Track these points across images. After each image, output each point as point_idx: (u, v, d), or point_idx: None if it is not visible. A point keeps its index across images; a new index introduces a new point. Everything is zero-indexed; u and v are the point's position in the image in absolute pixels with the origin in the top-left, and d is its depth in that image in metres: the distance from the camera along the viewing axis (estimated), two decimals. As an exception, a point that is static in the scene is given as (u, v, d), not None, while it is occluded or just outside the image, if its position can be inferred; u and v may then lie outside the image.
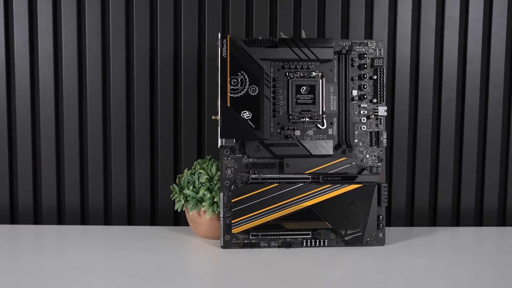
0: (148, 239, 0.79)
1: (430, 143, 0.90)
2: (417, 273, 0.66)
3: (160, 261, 0.69)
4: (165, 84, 0.89)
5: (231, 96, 0.71)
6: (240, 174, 0.74)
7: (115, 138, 0.89)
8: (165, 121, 0.89)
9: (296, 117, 0.74)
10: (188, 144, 0.89)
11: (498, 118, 0.90)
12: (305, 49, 0.73)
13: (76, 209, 0.90)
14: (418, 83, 0.90)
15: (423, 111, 0.90)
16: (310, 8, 0.88)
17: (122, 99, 0.89)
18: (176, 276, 0.63)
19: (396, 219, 0.91)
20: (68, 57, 0.88)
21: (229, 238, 0.74)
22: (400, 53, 0.89)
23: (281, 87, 0.74)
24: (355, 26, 0.89)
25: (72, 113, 0.89)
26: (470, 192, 0.91)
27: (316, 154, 0.73)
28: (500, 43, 0.89)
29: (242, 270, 0.66)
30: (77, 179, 0.90)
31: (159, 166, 0.90)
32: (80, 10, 0.88)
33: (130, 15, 0.88)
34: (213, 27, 0.88)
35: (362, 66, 0.75)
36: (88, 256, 0.71)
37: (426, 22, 0.89)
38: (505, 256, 0.73)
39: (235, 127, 0.71)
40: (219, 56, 0.71)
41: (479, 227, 0.91)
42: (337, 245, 0.75)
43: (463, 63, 0.90)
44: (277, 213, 0.73)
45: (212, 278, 0.66)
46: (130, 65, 0.89)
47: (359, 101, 0.75)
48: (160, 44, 0.88)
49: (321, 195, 0.73)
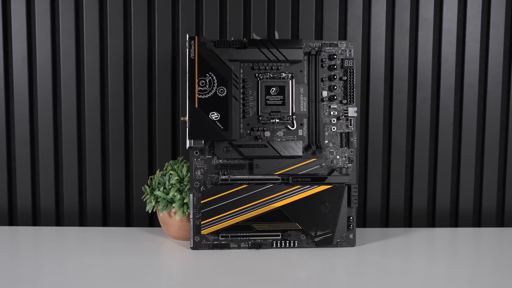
0: (120, 241, 0.78)
1: (405, 144, 0.90)
2: (384, 273, 0.66)
3: (129, 263, 0.68)
4: (139, 85, 0.88)
5: (199, 97, 0.71)
6: (210, 175, 0.74)
7: (90, 139, 0.89)
8: (140, 122, 0.89)
9: (266, 118, 0.74)
10: (162, 145, 0.89)
11: (473, 119, 0.90)
12: (274, 50, 0.73)
13: (51, 210, 0.90)
14: (392, 84, 0.90)
15: (398, 112, 0.90)
16: (284, 9, 0.88)
17: (96, 100, 0.88)
18: (143, 279, 0.63)
19: (371, 220, 0.91)
20: (42, 58, 0.88)
21: (199, 239, 0.74)
22: (374, 54, 0.89)
23: (251, 88, 0.74)
24: (329, 27, 0.89)
25: (47, 115, 0.89)
26: (445, 193, 0.91)
27: (285, 155, 0.73)
28: (474, 43, 0.89)
29: (210, 271, 0.66)
30: (51, 181, 0.90)
31: (133, 167, 0.90)
32: (54, 11, 0.88)
33: (104, 16, 0.88)
34: (187, 28, 0.88)
35: (332, 67, 0.75)
36: (61, 258, 0.71)
37: (400, 22, 0.89)
38: (480, 257, 0.73)
39: (203, 128, 0.71)
40: (187, 57, 0.71)
41: (454, 227, 0.91)
42: (307, 246, 0.75)
43: (438, 63, 0.90)
44: (247, 214, 0.73)
45: (181, 279, 0.65)
46: (104, 66, 0.89)
47: (329, 102, 0.75)
48: (134, 45, 0.88)
49: (291, 196, 0.73)
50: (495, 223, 0.92)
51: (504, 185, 0.91)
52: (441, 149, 0.90)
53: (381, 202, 0.91)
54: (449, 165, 0.91)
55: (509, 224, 0.91)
